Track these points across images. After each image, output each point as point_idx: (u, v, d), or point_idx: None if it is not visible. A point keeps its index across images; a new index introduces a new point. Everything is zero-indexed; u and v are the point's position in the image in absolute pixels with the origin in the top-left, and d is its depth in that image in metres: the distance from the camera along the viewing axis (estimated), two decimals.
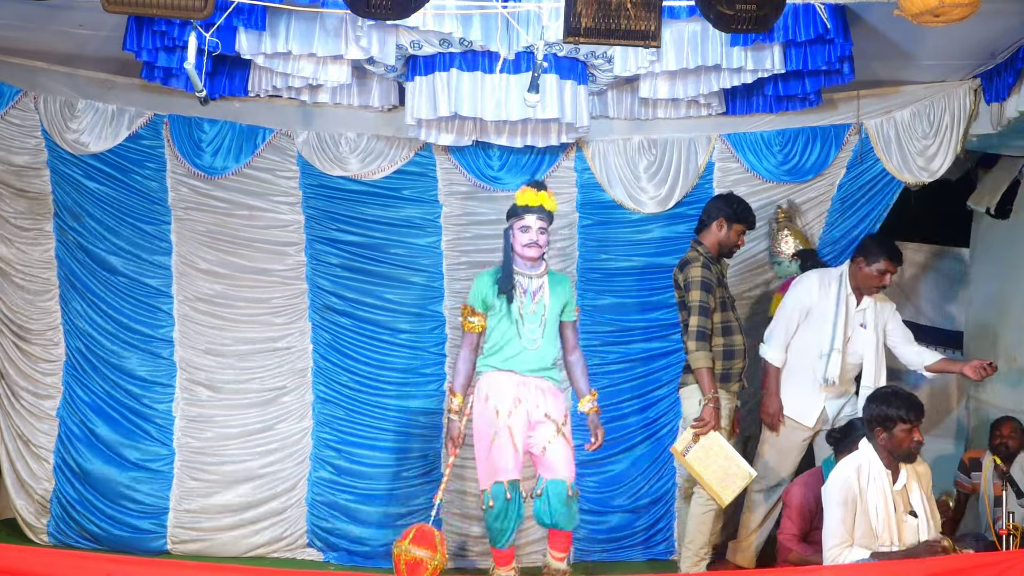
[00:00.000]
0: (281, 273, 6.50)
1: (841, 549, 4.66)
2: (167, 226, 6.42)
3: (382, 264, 6.50)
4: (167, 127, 6.35)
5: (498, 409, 5.21)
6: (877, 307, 5.83)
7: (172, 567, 5.04)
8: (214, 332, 6.47)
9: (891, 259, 5.71)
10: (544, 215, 5.31)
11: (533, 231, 5.28)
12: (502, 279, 5.30)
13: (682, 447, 5.53)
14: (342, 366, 6.49)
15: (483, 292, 5.33)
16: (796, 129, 6.36)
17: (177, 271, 6.43)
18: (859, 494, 4.71)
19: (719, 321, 5.66)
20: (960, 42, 5.52)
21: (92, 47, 5.84)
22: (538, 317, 5.29)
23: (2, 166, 6.29)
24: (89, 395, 6.41)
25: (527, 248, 5.29)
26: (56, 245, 6.41)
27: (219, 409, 6.48)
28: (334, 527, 6.40)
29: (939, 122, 6.16)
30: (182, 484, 6.39)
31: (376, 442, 6.46)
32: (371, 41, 5.45)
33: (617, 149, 6.47)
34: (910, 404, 4.75)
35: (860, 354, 5.76)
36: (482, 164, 6.45)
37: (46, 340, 6.44)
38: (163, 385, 6.44)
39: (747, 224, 5.79)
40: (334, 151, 6.39)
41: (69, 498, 6.35)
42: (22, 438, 6.42)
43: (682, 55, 5.53)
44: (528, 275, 5.34)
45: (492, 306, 5.31)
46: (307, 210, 6.46)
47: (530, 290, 5.31)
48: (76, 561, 4.64)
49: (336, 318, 6.49)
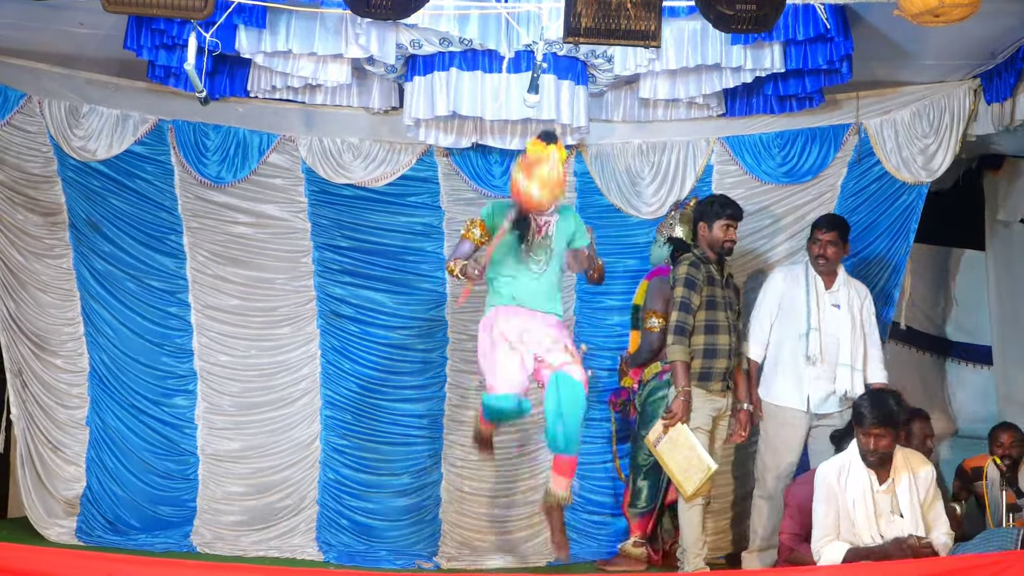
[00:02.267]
0: (290, 281, 6.54)
1: (824, 543, 4.86)
2: (179, 235, 6.47)
3: (386, 270, 6.54)
4: (172, 133, 6.39)
5: (506, 335, 5.12)
6: (851, 289, 5.92)
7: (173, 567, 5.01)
8: (229, 340, 6.53)
9: (817, 227, 5.89)
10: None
11: None
12: (517, 220, 5.12)
13: (654, 437, 5.61)
14: (349, 371, 6.54)
15: (495, 218, 5.19)
16: (795, 131, 6.37)
17: (192, 280, 6.49)
18: (838, 493, 4.86)
19: (703, 319, 5.69)
20: (960, 42, 5.52)
21: (93, 47, 5.86)
22: (544, 250, 5.23)
23: (16, 174, 6.32)
24: (116, 404, 6.47)
25: None
26: (74, 255, 6.45)
27: (235, 415, 6.54)
28: (342, 528, 6.43)
29: (939, 122, 6.16)
30: (205, 488, 6.46)
31: (382, 445, 6.51)
32: (371, 40, 5.47)
33: (616, 153, 6.49)
34: (876, 410, 4.81)
35: (836, 334, 5.83)
36: (482, 170, 6.48)
37: (69, 351, 6.49)
38: (186, 392, 6.52)
39: (727, 216, 5.77)
40: (337, 159, 6.42)
41: (99, 500, 6.43)
42: (50, 444, 6.46)
43: (682, 53, 5.56)
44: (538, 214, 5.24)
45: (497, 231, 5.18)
46: (313, 217, 6.50)
47: (539, 223, 5.21)
48: (78, 560, 4.65)
49: (343, 324, 6.54)
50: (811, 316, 5.82)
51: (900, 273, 6.39)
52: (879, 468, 4.87)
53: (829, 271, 5.89)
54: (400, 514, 6.44)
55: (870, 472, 4.86)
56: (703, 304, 5.69)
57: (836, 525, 4.85)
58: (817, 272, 5.89)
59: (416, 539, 6.41)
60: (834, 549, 4.79)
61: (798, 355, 5.82)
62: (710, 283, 5.74)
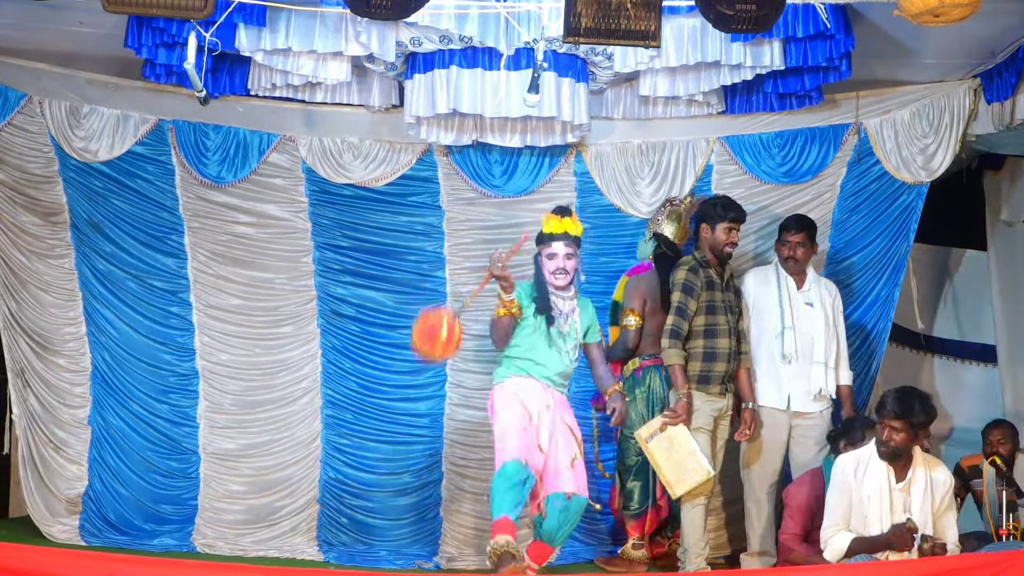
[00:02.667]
0: (291, 280, 6.55)
1: (832, 531, 4.88)
2: (180, 235, 6.48)
3: (387, 269, 6.54)
4: (172, 133, 6.39)
5: (527, 407, 5.20)
6: (822, 288, 5.97)
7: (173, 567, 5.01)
8: (230, 339, 6.54)
9: (786, 228, 5.93)
10: (570, 241, 5.36)
11: (560, 258, 5.33)
12: (539, 299, 5.32)
13: (646, 434, 5.61)
14: (350, 370, 6.54)
15: (523, 299, 5.32)
16: (795, 130, 6.36)
17: (193, 279, 6.49)
18: (853, 486, 4.86)
19: (702, 324, 5.71)
20: (960, 41, 5.53)
21: (92, 46, 5.87)
22: (573, 339, 5.37)
23: (18, 174, 6.33)
24: (118, 403, 6.48)
25: (555, 275, 5.35)
26: (75, 255, 6.46)
27: (235, 414, 6.55)
28: (342, 528, 6.44)
29: (939, 122, 6.17)
30: (207, 487, 6.47)
31: (382, 444, 6.51)
32: (371, 37, 5.47)
33: (616, 153, 6.48)
34: (898, 403, 4.80)
35: (811, 332, 5.87)
36: (482, 169, 6.47)
37: (72, 351, 6.50)
38: (187, 392, 6.52)
39: (730, 219, 5.78)
40: (337, 159, 6.42)
41: (101, 499, 6.44)
42: (51, 443, 6.47)
43: (682, 51, 5.56)
44: (561, 297, 5.38)
45: (525, 317, 5.31)
46: (313, 217, 6.50)
47: (565, 312, 5.36)
48: (78, 560, 4.66)
49: (344, 323, 6.54)
50: (784, 315, 5.87)
51: (900, 273, 6.39)
52: (892, 461, 4.84)
53: (799, 271, 5.93)
54: (401, 513, 6.44)
55: (888, 468, 4.85)
56: (702, 309, 5.71)
57: (847, 517, 4.87)
58: (792, 273, 5.93)
59: (416, 538, 6.40)
60: (840, 539, 4.83)
61: (775, 354, 5.86)
62: (709, 287, 5.74)
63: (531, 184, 6.45)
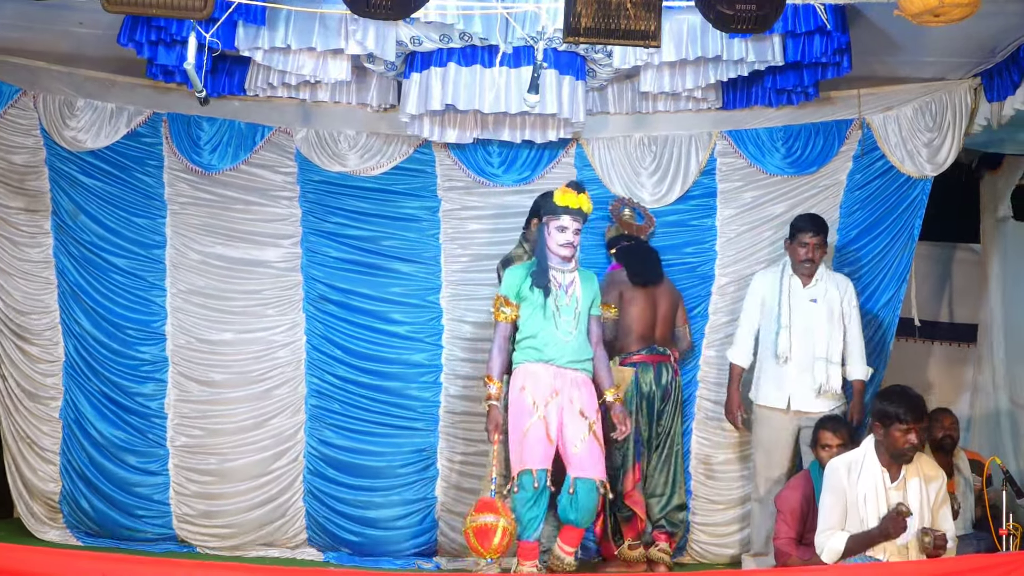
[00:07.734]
0: (275, 265, 6.46)
1: (827, 534, 4.86)
2: (162, 220, 6.41)
3: (379, 256, 6.48)
4: (166, 125, 6.36)
5: (534, 400, 5.30)
6: (831, 283, 5.94)
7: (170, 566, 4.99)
8: (206, 324, 6.43)
9: (802, 230, 5.91)
10: (581, 217, 5.44)
11: (570, 232, 5.40)
12: (537, 273, 5.40)
13: None
14: (336, 358, 6.46)
15: (517, 284, 5.43)
16: (798, 126, 6.35)
17: (171, 263, 6.42)
18: (847, 488, 4.85)
19: None
20: (961, 40, 5.51)
21: (92, 46, 5.84)
22: (572, 310, 5.40)
23: (3, 164, 6.29)
24: (87, 395, 6.40)
25: (563, 248, 5.41)
26: (54, 243, 6.40)
27: (211, 404, 6.44)
28: (332, 524, 6.36)
29: (941, 118, 6.14)
30: (179, 482, 6.37)
31: (372, 436, 6.42)
32: (371, 36, 5.44)
33: (617, 145, 6.47)
34: (910, 405, 4.78)
35: (811, 328, 5.86)
36: (482, 161, 6.45)
37: (45, 340, 6.43)
38: (156, 381, 6.41)
39: None
40: (332, 148, 6.39)
41: (77, 499, 6.36)
42: (27, 440, 6.41)
43: (681, 47, 5.54)
44: (561, 270, 5.44)
45: (525, 298, 5.40)
46: (304, 204, 6.45)
47: (564, 284, 5.42)
48: (71, 560, 4.61)
49: (331, 308, 6.45)
50: (782, 315, 5.87)
51: (907, 267, 6.35)
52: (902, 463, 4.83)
53: (814, 271, 5.92)
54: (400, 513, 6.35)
55: (883, 469, 4.85)
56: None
57: (842, 520, 4.85)
58: (802, 274, 5.91)
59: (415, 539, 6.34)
60: (836, 539, 4.82)
61: (772, 352, 5.87)
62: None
63: (531, 174, 6.44)
